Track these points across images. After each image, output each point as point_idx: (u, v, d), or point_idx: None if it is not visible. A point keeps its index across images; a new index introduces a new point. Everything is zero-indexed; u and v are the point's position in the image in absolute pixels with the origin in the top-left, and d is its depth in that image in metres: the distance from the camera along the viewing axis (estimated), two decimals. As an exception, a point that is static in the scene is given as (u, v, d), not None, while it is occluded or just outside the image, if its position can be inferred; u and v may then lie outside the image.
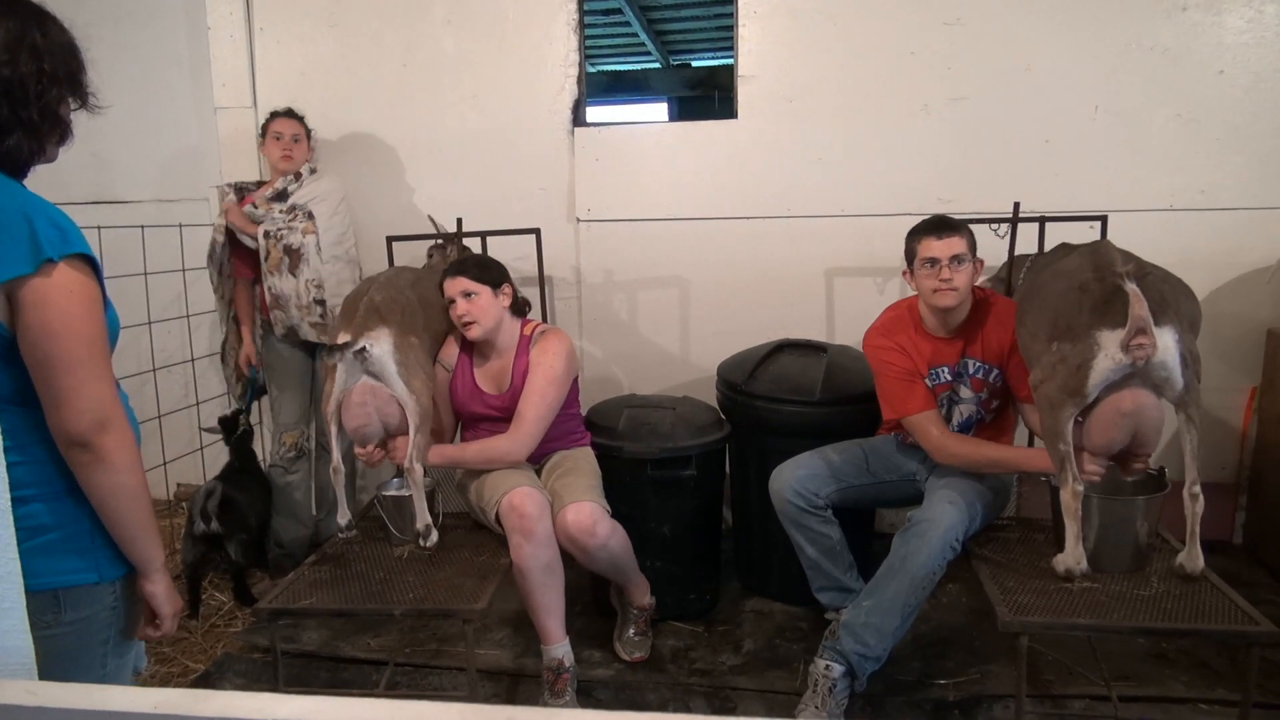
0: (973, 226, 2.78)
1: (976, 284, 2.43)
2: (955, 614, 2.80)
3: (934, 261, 2.32)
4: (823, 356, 2.88)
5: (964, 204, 3.11)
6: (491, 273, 2.47)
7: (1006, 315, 2.40)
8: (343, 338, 2.24)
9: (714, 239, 3.37)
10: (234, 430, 3.16)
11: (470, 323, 2.43)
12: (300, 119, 3.14)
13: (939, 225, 2.36)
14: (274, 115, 3.14)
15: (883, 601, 2.19)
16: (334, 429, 2.32)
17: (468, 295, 2.43)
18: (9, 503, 0.81)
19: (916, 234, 2.39)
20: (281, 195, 3.06)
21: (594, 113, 3.46)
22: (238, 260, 3.16)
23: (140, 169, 3.69)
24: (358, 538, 2.50)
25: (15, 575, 0.80)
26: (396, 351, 2.26)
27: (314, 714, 0.54)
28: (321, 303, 3.04)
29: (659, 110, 8.58)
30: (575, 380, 2.58)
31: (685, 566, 2.79)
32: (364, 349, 2.21)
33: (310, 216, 3.01)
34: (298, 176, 3.08)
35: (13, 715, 0.56)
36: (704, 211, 3.36)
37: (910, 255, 2.40)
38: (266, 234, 2.98)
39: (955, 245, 2.32)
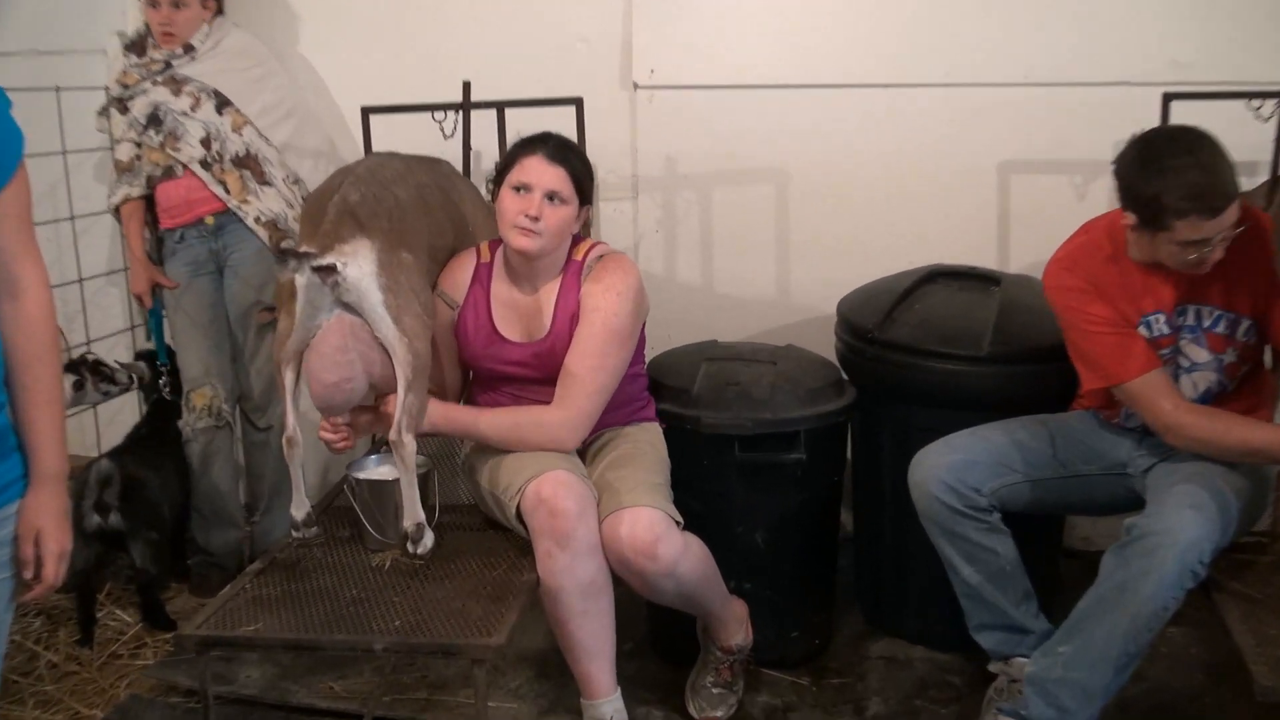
0: (1224, 103, 2.70)
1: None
2: (1179, 671, 2.81)
3: (1196, 243, 2.21)
4: (994, 292, 2.88)
5: (1207, 70, 3.05)
6: (591, 183, 2.51)
7: (1264, 237, 2.32)
8: (305, 249, 2.22)
9: (831, 117, 3.37)
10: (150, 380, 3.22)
11: (534, 232, 2.39)
12: None
13: (1212, 198, 2.16)
14: None
15: (1090, 648, 2.19)
16: (289, 379, 2.31)
17: (551, 197, 2.39)
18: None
19: (1171, 199, 2.19)
20: (164, 65, 3.15)
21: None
22: None
23: (7, 10, 3.68)
24: (319, 538, 2.51)
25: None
26: (381, 273, 2.23)
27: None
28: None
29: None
30: (643, 327, 2.56)
31: (785, 591, 2.82)
32: (334, 268, 2.18)
33: (226, 102, 3.12)
34: (188, 49, 3.17)
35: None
36: (817, 77, 3.34)
37: (1152, 218, 2.23)
38: (204, 163, 3.08)
39: (1225, 225, 2.18)
